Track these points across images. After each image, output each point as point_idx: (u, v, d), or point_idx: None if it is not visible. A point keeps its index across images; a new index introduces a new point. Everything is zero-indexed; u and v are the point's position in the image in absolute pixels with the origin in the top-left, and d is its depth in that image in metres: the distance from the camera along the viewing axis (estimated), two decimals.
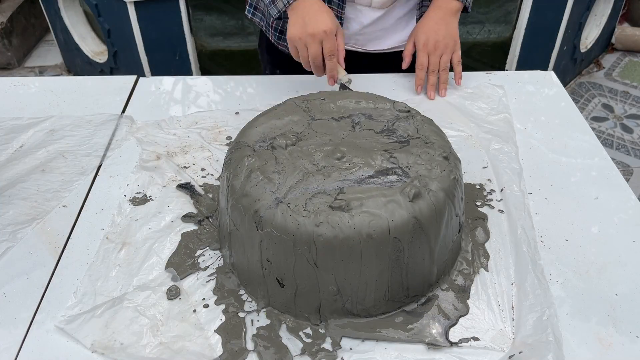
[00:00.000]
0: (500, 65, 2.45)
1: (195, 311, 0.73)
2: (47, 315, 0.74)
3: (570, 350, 0.68)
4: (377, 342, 0.70)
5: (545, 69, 2.34)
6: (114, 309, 0.73)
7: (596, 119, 2.53)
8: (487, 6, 2.34)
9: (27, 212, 0.89)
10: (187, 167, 0.97)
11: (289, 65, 1.20)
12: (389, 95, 0.99)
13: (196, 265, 0.80)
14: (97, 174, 0.97)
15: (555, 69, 1.86)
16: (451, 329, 0.71)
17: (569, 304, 0.74)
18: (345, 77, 1.03)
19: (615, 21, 2.86)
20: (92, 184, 0.94)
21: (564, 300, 0.74)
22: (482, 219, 0.86)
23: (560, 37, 2.38)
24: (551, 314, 0.70)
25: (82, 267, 0.80)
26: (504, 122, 1.05)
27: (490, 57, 2.45)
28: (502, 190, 0.91)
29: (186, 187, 0.92)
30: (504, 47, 2.40)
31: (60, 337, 0.71)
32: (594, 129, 1.93)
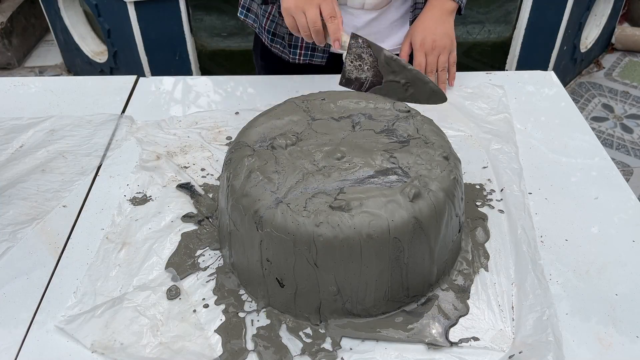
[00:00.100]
0: (500, 65, 2.45)
1: (195, 311, 0.73)
2: (47, 315, 0.74)
3: (570, 350, 0.68)
4: (377, 342, 0.70)
5: (545, 69, 2.34)
6: (114, 309, 0.73)
7: (596, 119, 2.53)
8: (487, 6, 2.34)
9: (27, 212, 0.89)
10: (187, 167, 0.97)
11: (282, 71, 1.20)
12: None
13: (196, 265, 0.80)
14: (97, 174, 0.97)
15: (555, 69, 1.86)
16: (451, 329, 0.71)
17: (569, 304, 0.74)
18: (348, 39, 0.97)
19: (615, 21, 2.86)
20: (92, 184, 0.94)
21: (564, 300, 0.74)
22: (482, 219, 0.86)
23: (560, 37, 2.38)
24: (551, 314, 0.70)
25: (82, 267, 0.80)
26: (504, 122, 1.05)
27: (490, 57, 2.45)
28: (502, 190, 0.91)
29: (186, 187, 0.92)
30: (504, 47, 2.40)
31: (60, 337, 0.71)
32: (594, 129, 1.93)
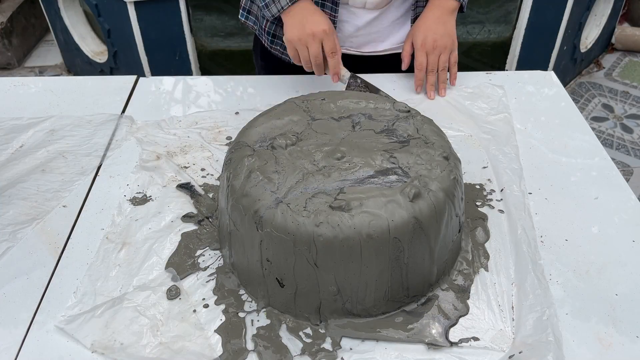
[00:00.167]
0: (500, 65, 2.45)
1: (195, 311, 0.73)
2: (47, 315, 0.74)
3: (570, 350, 0.68)
4: (377, 342, 0.70)
5: (545, 69, 2.34)
6: (114, 309, 0.73)
7: (596, 119, 2.53)
8: (487, 6, 2.34)
9: (27, 212, 0.89)
10: (187, 167, 0.97)
11: (282, 71, 1.21)
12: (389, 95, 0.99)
13: (196, 265, 0.80)
14: (97, 174, 0.97)
15: (555, 69, 1.86)
16: (451, 329, 0.71)
17: (569, 304, 0.74)
18: (347, 74, 1.06)
19: (615, 21, 2.86)
20: (92, 184, 0.94)
21: (564, 300, 0.74)
22: (482, 219, 0.86)
23: (560, 37, 2.38)
24: (551, 314, 0.70)
25: (82, 267, 0.80)
26: (503, 122, 1.05)
27: (490, 57, 2.45)
28: (502, 190, 0.91)
29: (186, 187, 0.92)
30: (504, 47, 2.40)
31: (60, 337, 0.71)
32: (594, 129, 1.93)
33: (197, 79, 1.25)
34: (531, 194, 0.90)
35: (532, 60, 2.40)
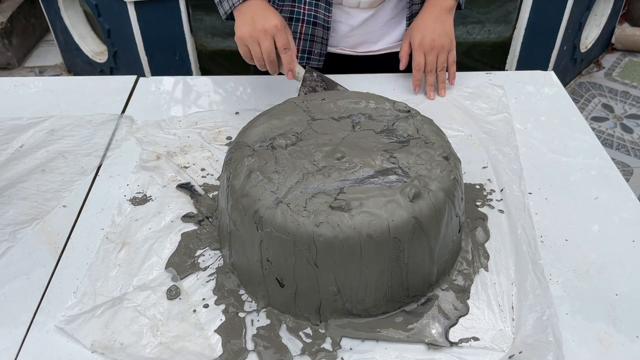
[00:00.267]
0: (500, 65, 2.45)
1: (195, 311, 0.73)
2: (47, 315, 0.74)
3: (570, 350, 0.68)
4: (377, 342, 0.70)
5: (545, 69, 2.34)
6: (114, 309, 0.73)
7: (596, 119, 2.53)
8: (487, 6, 2.33)
9: (27, 212, 0.89)
10: (187, 167, 0.97)
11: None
12: (389, 95, 0.99)
13: (196, 265, 0.80)
14: (97, 174, 0.97)
15: (555, 69, 1.86)
16: (451, 329, 0.71)
17: (569, 304, 0.74)
18: (302, 71, 1.01)
19: (615, 21, 2.86)
20: (92, 184, 0.94)
21: (564, 300, 0.74)
22: (482, 219, 0.86)
23: (560, 37, 2.38)
24: (551, 314, 0.70)
25: (82, 267, 0.80)
26: (503, 122, 1.05)
27: (490, 57, 2.45)
28: (502, 190, 0.91)
29: (186, 187, 0.92)
30: (504, 47, 2.40)
31: (60, 337, 0.71)
32: (594, 129, 1.93)
33: (197, 79, 1.25)
34: (531, 194, 0.90)
35: (532, 60, 2.40)
